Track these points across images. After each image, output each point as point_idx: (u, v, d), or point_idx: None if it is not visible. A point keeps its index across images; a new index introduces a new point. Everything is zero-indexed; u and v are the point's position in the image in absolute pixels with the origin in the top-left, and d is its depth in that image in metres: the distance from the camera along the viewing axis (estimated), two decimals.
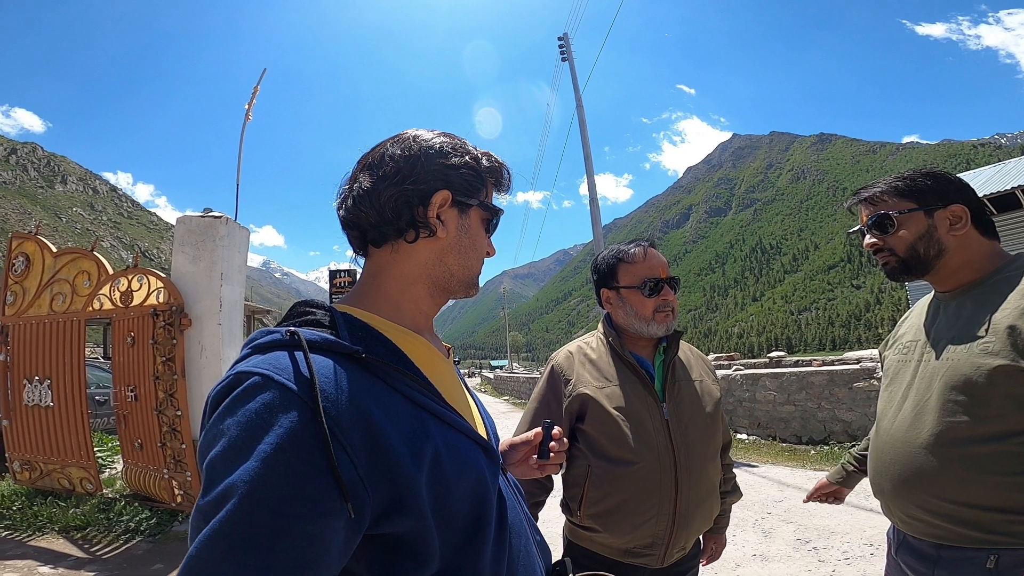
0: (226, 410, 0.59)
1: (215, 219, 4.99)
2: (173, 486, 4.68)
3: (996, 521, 1.13)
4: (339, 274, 19.72)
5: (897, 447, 1.28)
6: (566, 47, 14.19)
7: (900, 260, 1.33)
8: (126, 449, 5.03)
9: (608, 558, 1.47)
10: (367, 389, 0.63)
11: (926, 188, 1.30)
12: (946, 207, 1.29)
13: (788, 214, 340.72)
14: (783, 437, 7.75)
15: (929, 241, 1.29)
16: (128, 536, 4.39)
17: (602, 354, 1.59)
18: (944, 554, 1.20)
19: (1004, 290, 1.19)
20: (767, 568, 3.57)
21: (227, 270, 4.94)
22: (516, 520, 0.79)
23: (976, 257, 1.28)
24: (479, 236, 0.84)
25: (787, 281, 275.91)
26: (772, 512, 4.70)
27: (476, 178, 0.81)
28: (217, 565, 0.52)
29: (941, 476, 1.19)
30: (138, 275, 5.03)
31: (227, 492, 0.54)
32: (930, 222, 1.29)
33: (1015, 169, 12.70)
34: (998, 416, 1.13)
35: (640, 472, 1.43)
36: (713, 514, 1.58)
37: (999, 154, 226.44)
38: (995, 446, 1.13)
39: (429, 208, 0.77)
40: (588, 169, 13.24)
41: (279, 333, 0.65)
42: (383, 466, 0.60)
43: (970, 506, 1.16)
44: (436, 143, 0.79)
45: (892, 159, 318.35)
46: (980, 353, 1.16)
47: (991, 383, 1.13)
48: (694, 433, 1.51)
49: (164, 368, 4.64)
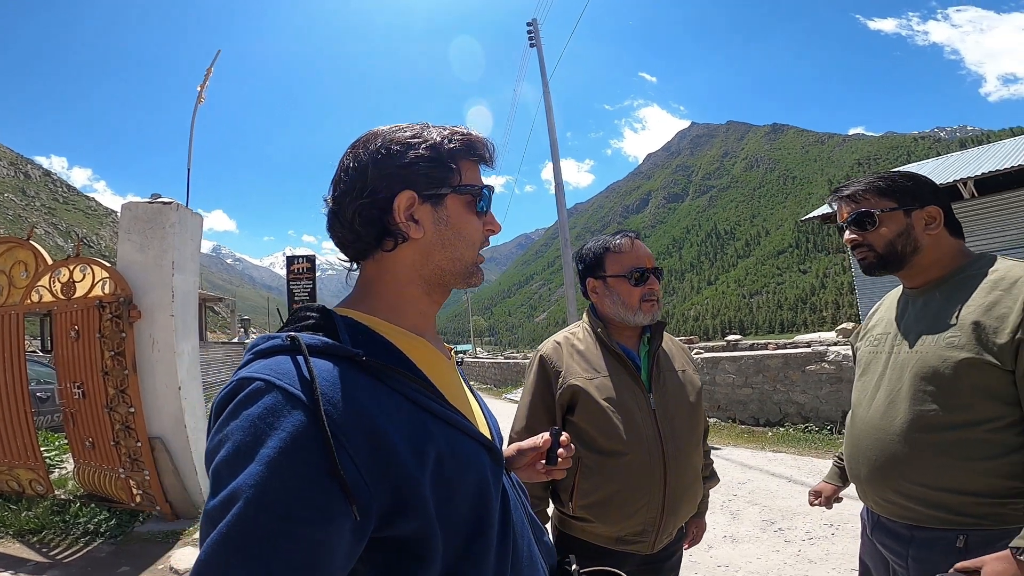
0: (229, 415, 0.60)
1: (164, 205, 4.72)
2: (131, 485, 4.48)
3: (965, 504, 1.20)
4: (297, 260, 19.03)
5: (872, 434, 1.35)
6: (535, 33, 14.02)
7: (878, 256, 1.39)
8: (76, 448, 4.77)
9: (600, 546, 1.49)
10: (368, 391, 0.63)
11: (906, 189, 1.37)
12: (923, 208, 1.35)
13: (742, 201, 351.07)
14: (742, 419, 8.02)
15: (907, 239, 1.36)
16: (88, 538, 4.20)
17: (589, 345, 1.60)
18: (917, 535, 1.27)
19: (969, 287, 1.26)
20: (738, 549, 3.70)
21: (179, 259, 4.70)
22: (520, 520, 0.79)
23: (945, 255, 1.35)
24: (464, 222, 0.79)
25: (740, 266, 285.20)
26: (737, 494, 4.86)
27: (439, 166, 0.76)
28: (225, 569, 0.52)
29: (913, 462, 1.26)
30: (80, 265, 4.71)
31: (232, 496, 0.54)
32: (908, 221, 1.36)
33: (957, 163, 13.41)
34: (966, 405, 1.20)
35: (631, 462, 1.46)
36: (698, 499, 1.63)
37: (938, 147, 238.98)
38: (963, 433, 1.20)
39: (395, 214, 0.74)
40: (554, 155, 13.23)
41: (280, 338, 0.65)
42: (386, 468, 0.60)
43: (941, 490, 1.22)
44: (386, 144, 0.75)
45: (839, 150, 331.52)
46: (947, 346, 1.23)
47: (957, 374, 1.20)
48: (680, 422, 1.55)
49: (113, 363, 4.39)
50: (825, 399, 7.21)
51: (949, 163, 13.85)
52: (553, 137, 13.42)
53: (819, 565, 3.34)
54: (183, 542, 4.15)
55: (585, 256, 1.65)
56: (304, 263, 17.01)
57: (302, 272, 16.81)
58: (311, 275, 16.84)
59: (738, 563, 3.46)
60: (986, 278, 1.25)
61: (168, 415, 4.54)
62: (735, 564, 3.45)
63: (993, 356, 1.16)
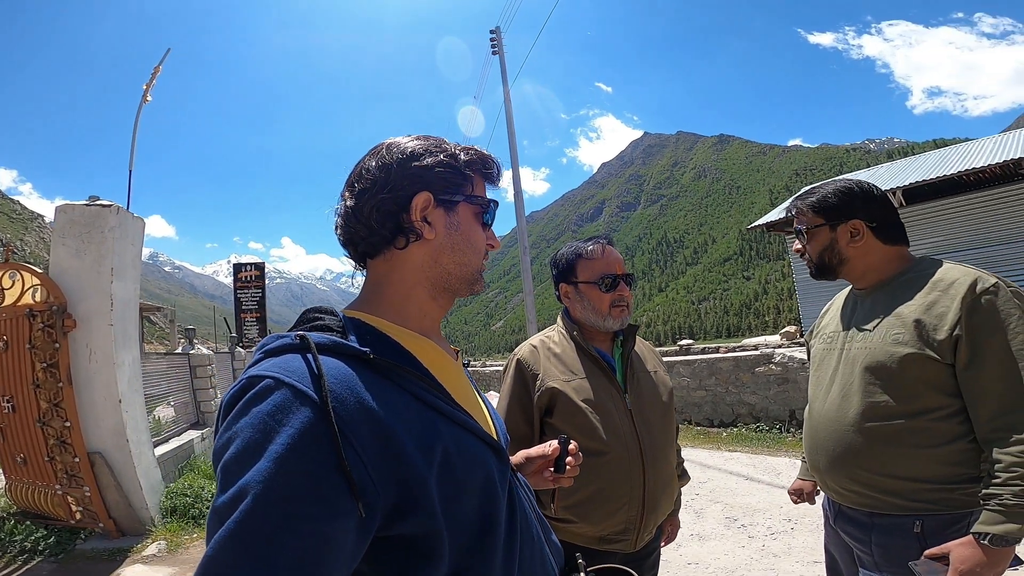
0: (239, 413, 0.60)
1: (103, 208, 4.46)
2: (69, 502, 4.22)
3: (917, 490, 1.28)
4: (244, 267, 18.29)
5: (829, 426, 1.43)
6: (498, 41, 14.07)
7: (815, 265, 1.56)
8: (7, 464, 4.46)
9: (583, 547, 1.48)
10: (376, 390, 0.64)
11: (831, 206, 1.50)
12: (847, 221, 1.48)
13: (690, 210, 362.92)
14: (697, 421, 8.24)
15: (831, 252, 1.51)
16: (26, 556, 3.98)
17: (566, 348, 1.62)
18: (877, 521, 1.35)
19: (911, 288, 1.37)
20: (705, 546, 3.78)
21: (119, 265, 4.45)
22: (528, 520, 0.79)
23: (877, 263, 1.47)
24: (473, 231, 0.83)
25: (688, 273, 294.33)
26: (700, 493, 4.98)
27: (456, 174, 0.80)
28: (232, 565, 0.52)
29: (867, 451, 1.34)
30: (9, 271, 4.40)
31: (241, 492, 0.55)
32: (833, 236, 1.50)
33: (887, 173, 14.29)
34: (912, 396, 1.29)
35: (611, 461, 1.49)
36: (675, 496, 1.68)
37: (868, 158, 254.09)
38: (911, 422, 1.29)
39: (412, 212, 0.77)
40: (514, 162, 13.29)
41: (289, 337, 0.66)
42: (393, 465, 0.61)
43: (894, 477, 1.31)
44: (409, 147, 0.80)
45: (778, 160, 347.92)
46: (892, 342, 1.33)
47: (903, 368, 1.30)
48: (655, 421, 1.59)
49: (46, 375, 4.11)
50: (773, 399, 7.50)
51: (879, 173, 14.75)
52: (513, 144, 13.50)
53: (783, 558, 3.45)
54: (132, 559, 3.94)
55: (559, 261, 1.69)
56: (253, 271, 16.42)
57: (250, 280, 16.21)
58: (260, 283, 16.27)
59: (707, 560, 3.54)
60: (925, 280, 1.36)
61: (108, 429, 4.28)
62: (704, 561, 3.52)
63: (934, 351, 1.27)
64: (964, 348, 1.24)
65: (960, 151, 13.41)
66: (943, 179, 11.42)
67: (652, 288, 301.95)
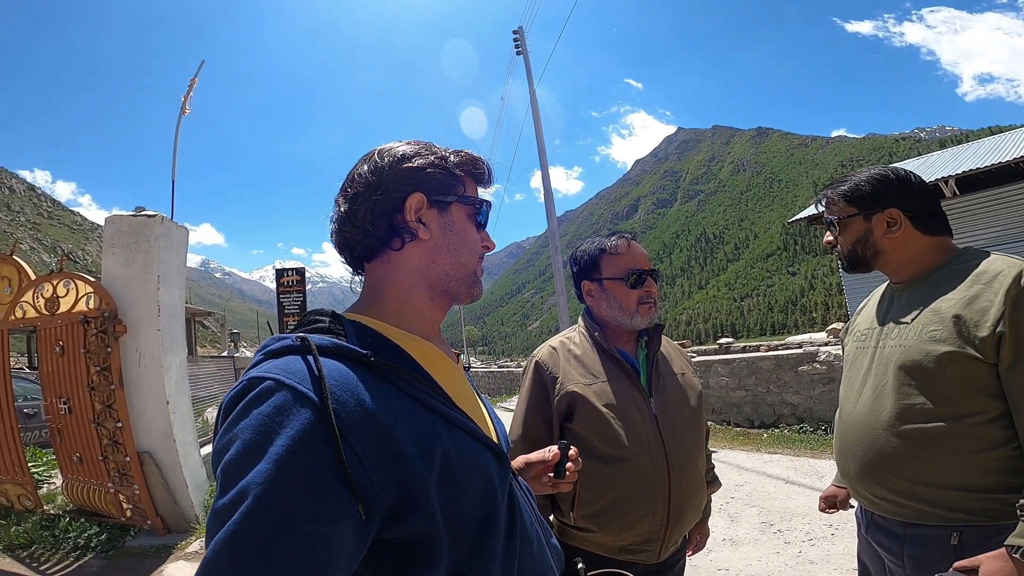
0: (240, 414, 0.60)
1: (149, 218, 4.67)
2: (120, 500, 4.43)
3: (956, 499, 1.19)
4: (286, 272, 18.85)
5: (860, 430, 1.34)
6: (521, 41, 14.10)
7: (846, 258, 1.47)
8: (64, 463, 4.71)
9: (603, 556, 1.44)
10: (376, 392, 0.64)
11: (865, 194, 1.40)
12: (883, 211, 1.38)
13: (729, 205, 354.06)
14: (736, 422, 8.02)
15: (865, 244, 1.41)
16: (78, 553, 4.16)
17: (587, 350, 1.56)
18: (911, 532, 1.25)
19: (951, 281, 1.27)
20: (738, 552, 3.66)
21: (165, 272, 4.65)
22: (528, 524, 0.79)
23: (917, 255, 1.37)
24: (467, 231, 0.83)
25: (730, 269, 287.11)
26: (735, 496, 4.83)
27: (447, 175, 0.81)
28: (232, 568, 0.52)
29: (902, 456, 1.24)
30: (64, 280, 4.66)
31: (242, 494, 0.55)
32: (867, 226, 1.40)
33: (938, 162, 13.61)
34: (950, 398, 1.19)
35: (633, 469, 1.42)
36: (702, 505, 1.59)
37: (919, 147, 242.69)
38: (950, 427, 1.19)
39: (405, 213, 0.78)
40: (543, 162, 13.27)
41: (290, 339, 0.67)
42: (393, 467, 0.61)
43: (931, 485, 1.21)
44: (400, 151, 0.81)
45: (822, 152, 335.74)
46: (929, 340, 1.23)
47: (941, 367, 1.20)
48: (682, 427, 1.51)
49: (99, 378, 4.33)
50: (818, 399, 7.23)
51: (931, 162, 14.06)
52: (541, 144, 13.47)
53: (820, 566, 3.31)
54: (175, 556, 4.09)
55: (580, 258, 1.62)
56: (294, 275, 16.86)
57: (292, 285, 16.66)
58: (301, 288, 16.71)
59: (739, 566, 3.43)
60: (968, 272, 1.25)
61: (156, 429, 4.48)
62: (735, 568, 3.42)
63: (975, 349, 1.16)
64: (1008, 346, 1.14)
65: (1016, 137, 12.64)
66: (999, 166, 10.79)
67: (692, 285, 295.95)
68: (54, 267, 4.89)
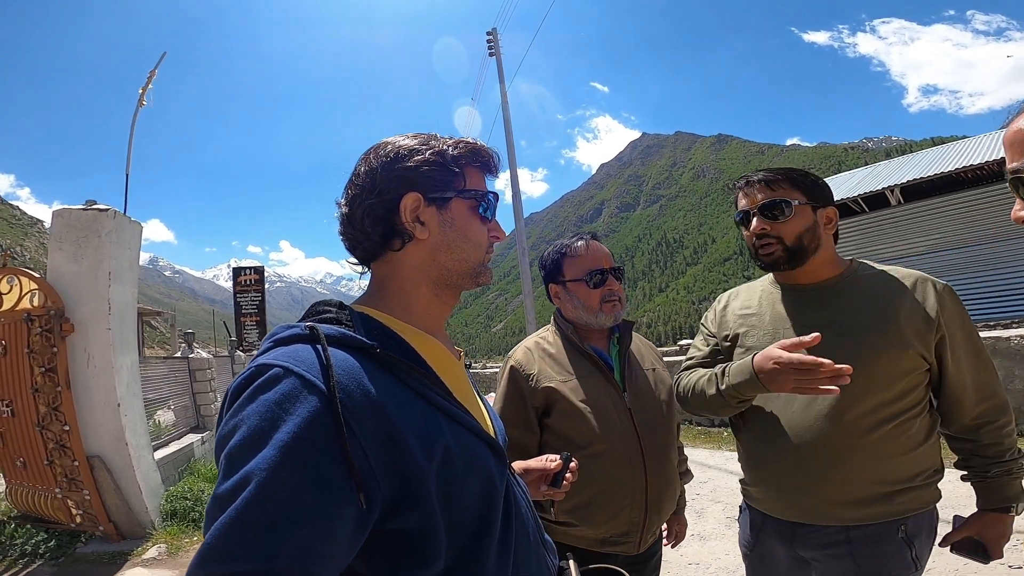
0: (247, 399, 0.60)
1: (100, 212, 4.46)
2: (69, 506, 4.22)
3: (900, 493, 1.25)
4: (244, 271, 18.26)
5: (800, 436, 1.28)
6: (494, 43, 14.06)
7: (786, 249, 1.33)
8: (7, 468, 4.46)
9: (584, 549, 1.46)
10: (381, 383, 0.65)
11: (815, 186, 1.37)
12: (825, 207, 1.38)
13: (689, 210, 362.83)
14: (698, 421, 8.21)
15: (812, 235, 1.34)
16: (26, 560, 3.98)
17: (561, 348, 1.59)
18: (855, 534, 1.26)
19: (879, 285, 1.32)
20: (707, 546, 3.76)
21: (116, 269, 4.45)
22: (524, 521, 0.80)
23: (830, 258, 1.39)
24: (469, 226, 0.82)
25: (688, 273, 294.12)
26: (700, 493, 4.95)
27: (443, 170, 0.79)
28: (232, 552, 0.52)
29: (851, 460, 1.24)
30: (7, 276, 4.40)
31: (245, 480, 0.55)
32: (815, 218, 1.35)
33: (885, 171, 14.30)
34: (899, 396, 1.25)
35: (611, 462, 1.45)
36: (677, 496, 1.64)
37: (866, 156, 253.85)
38: (898, 423, 1.25)
39: (401, 214, 0.78)
40: (511, 163, 13.30)
41: (299, 328, 0.67)
42: (394, 458, 0.61)
43: (879, 483, 1.24)
44: (395, 149, 0.79)
45: (778, 160, 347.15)
46: (879, 341, 1.25)
47: (891, 367, 1.24)
48: (655, 420, 1.55)
49: (45, 379, 4.11)
50: None
51: (878, 171, 14.77)
52: (511, 145, 13.51)
53: None
54: (132, 563, 3.94)
55: (545, 262, 1.66)
56: (252, 275, 16.39)
57: (250, 284, 16.18)
58: (260, 287, 16.25)
59: (708, 560, 3.52)
60: (894, 278, 1.32)
61: (107, 433, 4.28)
62: (705, 561, 3.51)
63: (920, 348, 1.24)
64: (947, 344, 1.26)
65: (957, 148, 13.42)
66: (941, 176, 11.44)
67: (652, 288, 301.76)
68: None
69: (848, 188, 13.48)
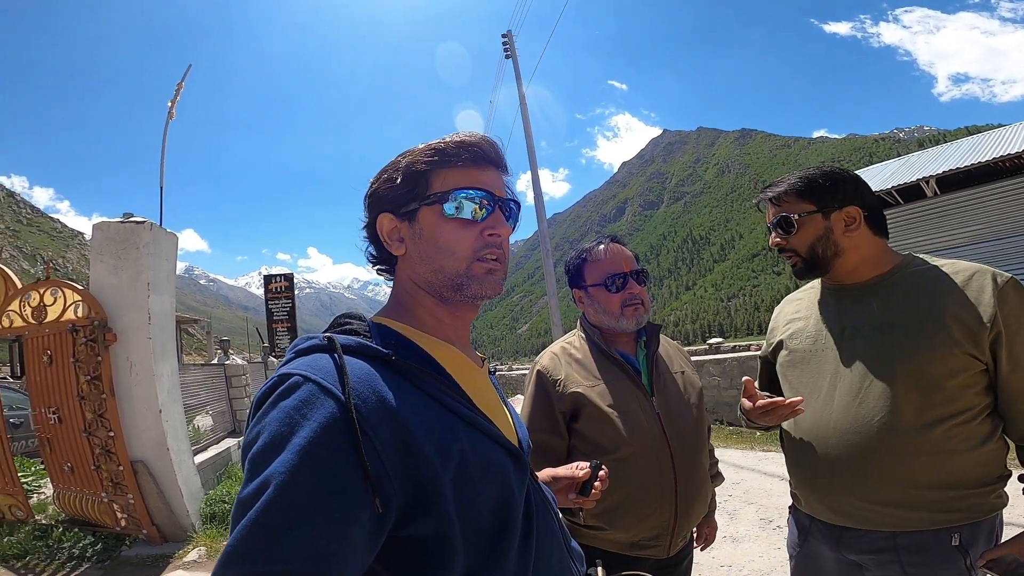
0: (269, 407, 0.63)
1: (137, 224, 4.61)
2: (115, 510, 4.35)
3: (952, 499, 1.18)
4: (274, 279, 18.66)
5: (840, 437, 1.26)
6: (510, 44, 14.08)
7: (803, 260, 1.36)
8: (55, 473, 4.62)
9: (614, 553, 1.46)
10: (397, 390, 0.66)
11: (823, 190, 1.33)
12: (841, 209, 1.32)
13: (715, 206, 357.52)
14: (730, 420, 8.08)
15: (827, 243, 1.32)
16: (74, 563, 4.10)
17: (587, 353, 1.59)
18: (902, 541, 1.21)
19: (927, 282, 1.26)
20: (739, 548, 3.71)
21: (154, 279, 4.59)
22: (547, 528, 0.80)
23: (871, 256, 1.33)
24: (439, 233, 0.79)
25: (716, 270, 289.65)
26: (733, 494, 4.88)
27: (398, 184, 0.80)
28: (252, 554, 0.54)
29: (897, 461, 1.20)
30: (51, 288, 4.57)
31: (265, 483, 0.57)
32: (827, 224, 1.32)
33: (919, 161, 13.84)
34: (948, 398, 1.19)
35: (640, 466, 1.45)
36: (708, 499, 1.62)
37: (898, 147, 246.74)
38: (947, 425, 1.19)
39: (380, 235, 0.82)
40: (532, 164, 13.30)
41: (318, 338, 0.70)
42: (409, 464, 0.63)
43: (926, 487, 1.19)
44: (376, 176, 0.84)
45: (804, 153, 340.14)
46: (923, 340, 1.20)
47: (937, 367, 1.19)
48: (684, 423, 1.54)
49: (90, 387, 4.26)
50: None
51: (912, 162, 14.31)
52: (531, 147, 13.49)
53: None
54: (174, 565, 4.05)
55: (568, 267, 1.67)
56: (282, 281, 16.74)
57: (280, 291, 16.53)
58: (290, 293, 16.58)
59: (740, 562, 3.47)
60: (944, 273, 1.25)
61: (150, 438, 4.42)
62: (738, 564, 3.46)
63: (969, 348, 1.18)
64: (1003, 343, 1.17)
65: (994, 137, 12.91)
66: (978, 166, 11.02)
67: (679, 286, 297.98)
68: (37, 275, 4.81)
69: (882, 180, 13.08)
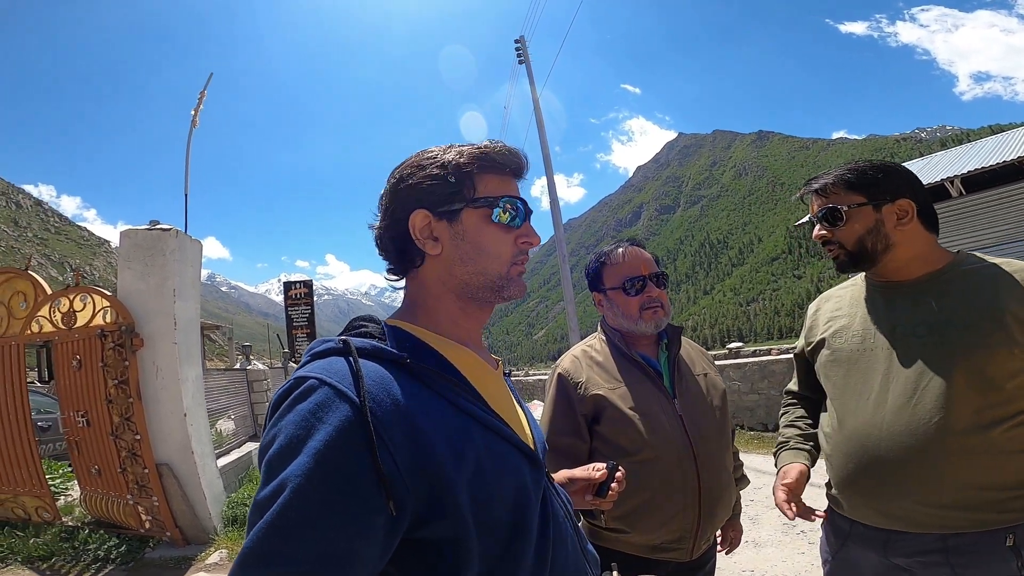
0: (285, 410, 0.64)
1: (164, 232, 4.72)
2: (140, 512, 4.44)
3: (1009, 499, 1.15)
4: (294, 285, 18.93)
5: (892, 439, 1.23)
6: (523, 50, 14.15)
7: (848, 253, 1.32)
8: (82, 476, 4.74)
9: (636, 556, 1.45)
10: (411, 393, 0.67)
11: (875, 182, 1.30)
12: (893, 202, 1.29)
13: (732, 209, 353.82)
14: (750, 425, 7.99)
15: (876, 236, 1.28)
16: (99, 565, 4.19)
17: (608, 355, 1.59)
18: (953, 543, 1.18)
19: (982, 279, 1.23)
20: (761, 553, 3.66)
21: (180, 286, 4.69)
22: (562, 530, 0.79)
23: (923, 252, 1.30)
24: (483, 236, 0.80)
25: (735, 274, 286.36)
26: (755, 499, 4.81)
27: (444, 183, 0.79)
28: (268, 556, 0.55)
29: (953, 463, 1.16)
30: (80, 294, 4.71)
31: (281, 485, 0.58)
32: (878, 217, 1.29)
33: (943, 161, 13.59)
34: (1008, 398, 1.16)
35: (662, 469, 1.44)
36: (732, 502, 1.61)
37: (920, 148, 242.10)
38: (1008, 426, 1.15)
39: (412, 232, 0.79)
40: (547, 170, 13.31)
41: (333, 342, 0.71)
42: (424, 466, 0.62)
43: (984, 488, 1.16)
44: (403, 170, 0.81)
45: (824, 154, 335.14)
46: (980, 339, 1.17)
47: (997, 367, 1.15)
48: (707, 426, 1.53)
49: (117, 391, 4.37)
50: None
51: (935, 162, 14.05)
52: (546, 152, 13.53)
53: None
54: (196, 567, 4.11)
55: (588, 271, 1.68)
56: (302, 288, 17.00)
57: (300, 298, 16.78)
58: (309, 300, 16.84)
59: (763, 568, 3.42)
60: (1002, 271, 1.22)
61: (175, 441, 4.50)
62: (760, 569, 3.41)
63: None
64: None
65: (1019, 135, 12.62)
66: (1004, 165, 10.79)
67: (697, 291, 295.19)
68: (64, 282, 4.94)
69: None
